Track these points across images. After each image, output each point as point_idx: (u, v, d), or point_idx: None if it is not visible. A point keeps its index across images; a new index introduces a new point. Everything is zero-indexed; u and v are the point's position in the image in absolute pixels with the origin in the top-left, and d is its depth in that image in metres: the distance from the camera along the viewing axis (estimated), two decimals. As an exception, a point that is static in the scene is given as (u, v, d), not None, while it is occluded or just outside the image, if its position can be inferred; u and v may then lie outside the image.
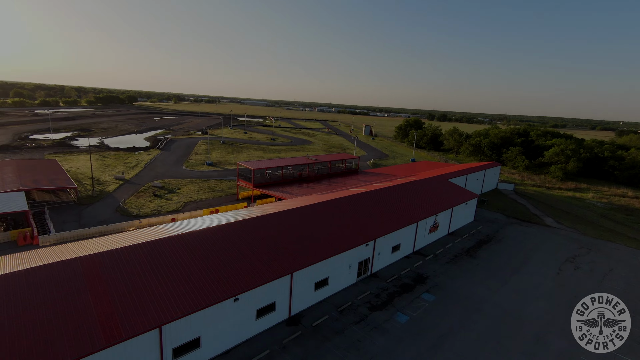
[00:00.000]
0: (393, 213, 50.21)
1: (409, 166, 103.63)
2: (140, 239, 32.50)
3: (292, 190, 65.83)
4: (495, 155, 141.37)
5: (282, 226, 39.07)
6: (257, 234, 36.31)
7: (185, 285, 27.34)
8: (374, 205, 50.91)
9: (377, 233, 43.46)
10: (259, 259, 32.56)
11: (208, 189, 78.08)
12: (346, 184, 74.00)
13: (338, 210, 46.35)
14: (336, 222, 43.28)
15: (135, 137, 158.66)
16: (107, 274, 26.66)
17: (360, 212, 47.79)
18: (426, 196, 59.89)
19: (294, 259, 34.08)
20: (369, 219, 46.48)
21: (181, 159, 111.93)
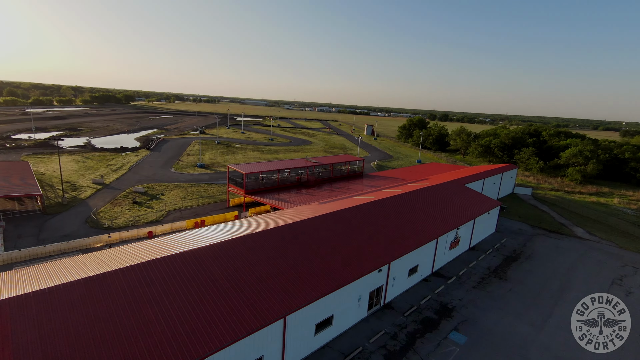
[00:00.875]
0: (409, 227, 42.14)
1: (417, 168, 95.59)
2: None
3: (289, 198, 57.73)
4: (507, 156, 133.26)
5: (271, 249, 30.97)
6: (237, 263, 28.20)
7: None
8: (385, 217, 42.84)
9: (392, 254, 35.40)
10: (244, 300, 24.48)
11: (196, 194, 70.00)
12: (350, 189, 65.92)
13: (342, 226, 38.27)
14: (341, 240, 35.20)
15: (125, 137, 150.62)
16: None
17: (370, 226, 39.73)
18: (444, 205, 51.80)
19: (289, 297, 25.99)
20: (381, 235, 38.41)
21: (171, 160, 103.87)
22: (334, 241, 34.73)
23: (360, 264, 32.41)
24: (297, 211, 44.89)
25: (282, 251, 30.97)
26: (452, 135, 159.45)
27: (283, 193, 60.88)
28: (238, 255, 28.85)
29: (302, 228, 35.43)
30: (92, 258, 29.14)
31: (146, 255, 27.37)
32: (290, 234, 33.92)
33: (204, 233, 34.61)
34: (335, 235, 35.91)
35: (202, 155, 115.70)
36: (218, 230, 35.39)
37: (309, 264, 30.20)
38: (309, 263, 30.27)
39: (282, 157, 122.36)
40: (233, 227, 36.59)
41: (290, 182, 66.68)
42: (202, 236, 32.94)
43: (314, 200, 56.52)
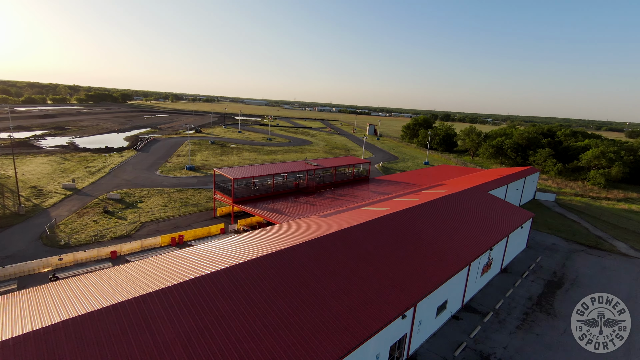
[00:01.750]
0: (435, 249, 33.40)
1: (427, 172, 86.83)
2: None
3: (285, 208, 48.93)
4: (520, 157, 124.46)
5: (258, 294, 22.22)
6: (207, 317, 19.45)
7: None
8: (403, 237, 34.09)
9: (417, 291, 26.66)
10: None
11: (180, 201, 61.26)
12: (356, 197, 57.15)
13: (352, 251, 29.50)
14: (346, 280, 26.43)
15: (114, 137, 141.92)
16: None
17: (385, 250, 31.01)
18: (471, 219, 43.03)
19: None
20: (403, 263, 29.66)
21: (158, 161, 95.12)
22: (340, 276, 25.96)
23: (378, 308, 23.64)
24: (292, 228, 36.15)
25: (269, 294, 22.22)
26: (460, 135, 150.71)
27: (278, 202, 52.11)
28: (203, 312, 20.09)
29: (293, 259, 26.61)
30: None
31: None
32: (274, 271, 25.07)
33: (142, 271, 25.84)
34: (341, 267, 27.14)
35: (193, 156, 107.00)
36: (186, 256, 26.59)
37: (305, 321, 21.39)
38: (306, 324, 21.43)
39: (280, 159, 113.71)
40: (192, 256, 27.79)
41: (287, 189, 57.92)
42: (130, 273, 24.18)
43: (314, 211, 47.75)
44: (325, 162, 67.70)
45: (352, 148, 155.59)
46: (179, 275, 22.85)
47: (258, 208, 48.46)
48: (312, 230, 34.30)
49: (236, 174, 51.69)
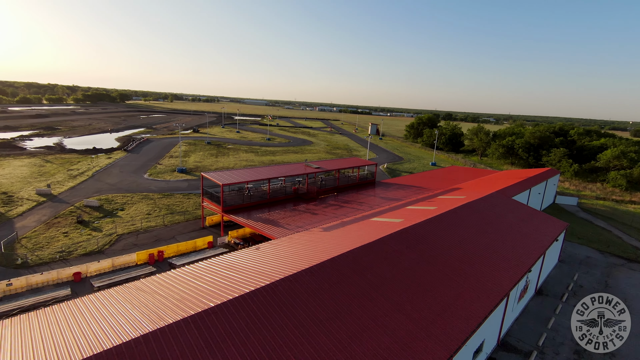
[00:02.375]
0: (462, 273, 27.01)
1: (438, 174, 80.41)
2: None
3: (282, 218, 42.50)
4: (533, 158, 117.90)
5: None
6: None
7: None
8: (425, 257, 27.70)
9: (453, 336, 20.25)
10: None
11: (166, 209, 54.94)
12: (363, 204, 50.71)
13: (363, 280, 23.13)
14: (360, 317, 20.03)
15: (106, 137, 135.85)
16: None
17: (405, 277, 24.65)
18: (501, 231, 36.62)
19: None
20: (427, 297, 23.25)
21: (148, 163, 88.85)
22: (345, 324, 19.54)
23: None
24: (290, 246, 29.77)
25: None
26: (468, 135, 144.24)
27: (275, 210, 45.69)
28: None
29: (288, 297, 20.21)
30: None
31: None
32: (268, 311, 18.68)
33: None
34: (346, 307, 20.73)
35: (186, 157, 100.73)
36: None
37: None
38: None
39: (279, 160, 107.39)
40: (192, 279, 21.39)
41: (284, 194, 51.53)
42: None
43: (315, 222, 41.34)
44: (327, 164, 61.31)
45: (355, 148, 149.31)
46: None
47: (251, 218, 42.05)
48: (314, 250, 27.93)
49: (226, 178, 45.28)
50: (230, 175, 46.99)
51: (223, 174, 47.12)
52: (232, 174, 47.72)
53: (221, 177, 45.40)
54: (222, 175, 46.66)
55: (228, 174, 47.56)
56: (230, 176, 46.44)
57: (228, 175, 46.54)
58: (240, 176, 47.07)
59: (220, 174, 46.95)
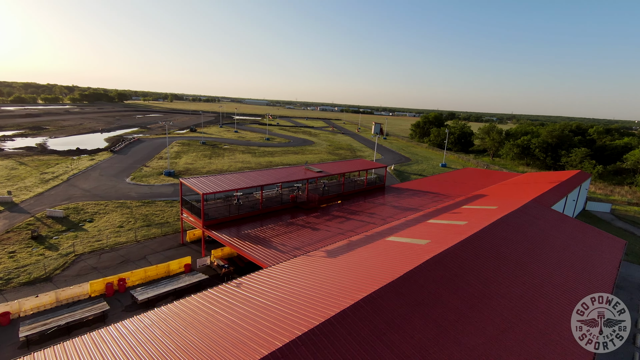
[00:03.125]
0: (523, 319, 19.09)
1: (452, 177, 72.38)
2: None
3: (276, 237, 34.49)
4: (551, 159, 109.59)
5: None
6: None
7: None
8: (470, 301, 19.76)
9: None
10: None
11: (143, 219, 47.15)
12: (373, 215, 42.71)
13: (392, 353, 15.17)
14: None
15: (95, 137, 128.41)
16: None
17: (446, 334, 16.72)
18: (554, 255, 28.59)
19: None
20: (491, 355, 15.31)
21: (134, 165, 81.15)
22: None
23: None
24: (280, 283, 21.82)
25: None
26: (479, 134, 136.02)
27: (268, 224, 37.73)
28: None
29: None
30: None
31: None
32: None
33: None
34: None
35: (177, 158, 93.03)
36: None
37: None
38: None
39: (278, 161, 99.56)
40: None
41: (280, 204, 43.57)
42: None
43: (316, 240, 33.37)
44: (331, 168, 53.33)
45: (358, 148, 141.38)
46: None
47: (238, 236, 34.10)
48: (316, 292, 19.97)
49: (208, 186, 37.33)
50: (215, 182, 39.03)
51: (206, 181, 39.16)
52: (217, 180, 39.77)
53: (202, 185, 37.46)
54: (204, 182, 38.70)
55: (212, 180, 39.61)
56: (215, 183, 38.49)
57: (212, 182, 38.57)
58: (227, 183, 39.11)
59: (202, 181, 38.98)
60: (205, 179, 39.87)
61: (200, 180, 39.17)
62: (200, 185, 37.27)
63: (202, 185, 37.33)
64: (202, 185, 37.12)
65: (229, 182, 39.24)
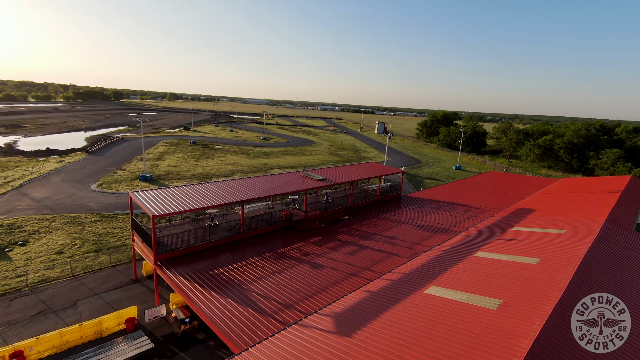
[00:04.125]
0: None
1: (476, 182, 61.67)
2: None
3: (258, 280, 23.61)
4: (577, 160, 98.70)
5: None
6: None
7: None
8: None
9: None
10: None
11: (93, 241, 36.49)
12: (394, 240, 31.86)
13: None
14: None
15: (75, 136, 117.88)
16: None
17: None
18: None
19: None
20: None
21: (108, 168, 70.48)
22: None
23: None
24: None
25: None
26: (494, 134, 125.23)
27: (249, 257, 26.98)
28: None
29: None
30: None
31: None
32: None
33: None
34: None
35: (160, 160, 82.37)
36: None
37: None
38: None
39: (274, 163, 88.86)
40: None
41: (269, 224, 32.83)
42: None
43: (320, 287, 22.62)
44: (335, 174, 42.51)
45: (362, 149, 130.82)
46: None
47: (201, 280, 23.30)
48: None
49: (164, 203, 26.54)
50: (176, 197, 28.22)
51: (163, 195, 28.31)
52: (181, 195, 28.96)
53: (157, 202, 26.67)
54: (160, 197, 27.85)
55: (173, 194, 28.80)
56: (175, 199, 27.68)
57: (170, 199, 27.75)
58: (194, 199, 28.29)
59: (157, 196, 28.12)
60: (165, 192, 29.05)
61: (156, 194, 28.33)
62: (154, 202, 26.50)
63: (156, 202, 26.56)
64: (156, 203, 26.37)
65: (197, 198, 28.44)
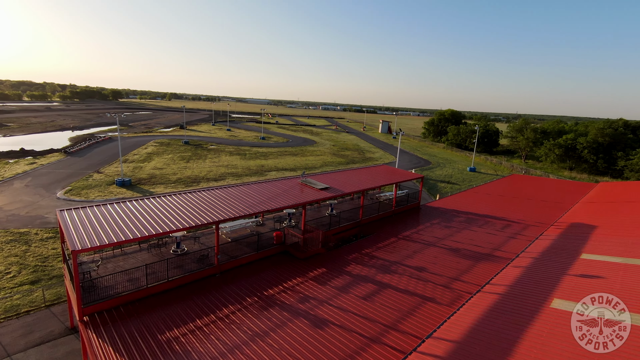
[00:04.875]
0: None
1: (501, 187, 53.52)
2: None
3: (228, 354, 15.64)
4: (603, 161, 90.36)
5: None
6: None
7: None
8: None
9: None
10: None
11: (35, 267, 28.57)
12: (425, 274, 23.74)
13: None
14: None
15: (60, 135, 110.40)
16: None
17: None
18: None
19: None
20: None
21: (82, 172, 62.69)
22: None
23: None
24: None
25: None
26: (508, 132, 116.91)
27: (222, 308, 18.93)
28: None
29: None
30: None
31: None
32: None
33: None
34: None
35: (146, 162, 74.52)
36: None
37: None
38: None
39: (271, 164, 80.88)
40: None
41: (256, 251, 24.79)
42: None
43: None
44: (341, 180, 34.35)
45: (367, 149, 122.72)
46: None
47: (139, 355, 15.27)
48: None
49: (97, 231, 18.43)
50: (120, 218, 20.01)
51: (103, 216, 20.08)
52: (129, 212, 20.84)
53: (89, 227, 18.49)
54: (96, 219, 19.58)
55: (118, 213, 20.63)
56: (118, 222, 19.48)
57: (112, 221, 19.50)
58: (145, 220, 20.12)
59: (94, 217, 19.88)
60: (106, 211, 20.87)
61: (90, 216, 20.04)
62: (84, 227, 18.38)
63: (87, 227, 18.44)
64: (86, 228, 18.25)
65: (150, 220, 20.31)
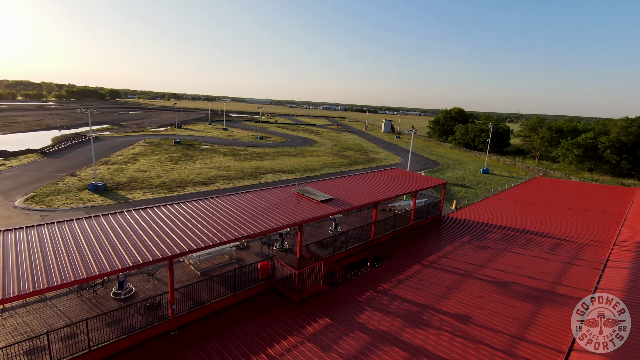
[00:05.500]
0: None
1: (528, 192, 46.74)
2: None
3: None
4: (628, 162, 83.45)
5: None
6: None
7: None
8: None
9: None
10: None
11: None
12: (472, 333, 16.86)
13: None
14: None
15: (43, 135, 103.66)
16: None
17: None
18: None
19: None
20: None
21: (55, 175, 56.00)
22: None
23: None
24: None
25: None
26: (522, 131, 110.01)
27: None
28: None
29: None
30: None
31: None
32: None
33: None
34: None
35: (129, 163, 67.78)
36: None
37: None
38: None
39: (268, 166, 74.09)
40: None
41: (233, 292, 17.97)
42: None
43: None
44: (346, 188, 27.48)
45: (370, 149, 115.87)
46: None
47: None
48: None
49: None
50: (42, 252, 13.38)
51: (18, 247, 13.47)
52: (58, 242, 14.12)
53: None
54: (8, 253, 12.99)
55: (41, 243, 13.96)
56: (35, 258, 12.84)
57: (27, 256, 12.88)
58: (75, 256, 13.43)
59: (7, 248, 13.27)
60: (27, 237, 14.16)
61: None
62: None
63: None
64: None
65: (80, 255, 13.54)
